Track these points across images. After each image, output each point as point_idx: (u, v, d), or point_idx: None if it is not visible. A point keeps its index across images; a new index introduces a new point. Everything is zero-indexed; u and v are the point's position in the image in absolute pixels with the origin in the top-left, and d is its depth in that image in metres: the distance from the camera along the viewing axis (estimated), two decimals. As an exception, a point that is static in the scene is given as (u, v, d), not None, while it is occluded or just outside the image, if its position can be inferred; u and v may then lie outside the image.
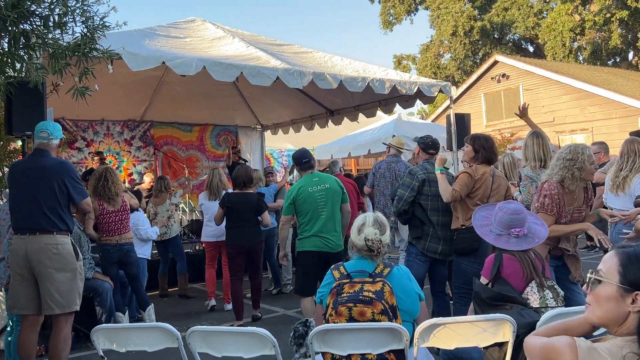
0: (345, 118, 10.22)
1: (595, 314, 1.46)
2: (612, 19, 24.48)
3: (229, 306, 6.39)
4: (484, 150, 4.36)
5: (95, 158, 9.24)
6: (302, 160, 5.08)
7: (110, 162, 10.34)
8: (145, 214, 7.04)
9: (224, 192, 6.51)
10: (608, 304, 1.42)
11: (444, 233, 4.53)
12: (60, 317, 3.91)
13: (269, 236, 6.94)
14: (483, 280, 3.13)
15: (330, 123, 10.60)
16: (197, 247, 8.42)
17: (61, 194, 3.90)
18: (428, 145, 4.86)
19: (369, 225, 2.87)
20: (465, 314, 3.42)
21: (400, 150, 6.95)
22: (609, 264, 1.44)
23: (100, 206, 5.43)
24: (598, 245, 3.61)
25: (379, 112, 10.28)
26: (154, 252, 7.32)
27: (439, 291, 4.75)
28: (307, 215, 4.90)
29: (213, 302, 6.50)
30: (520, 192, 4.96)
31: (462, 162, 5.08)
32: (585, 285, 1.49)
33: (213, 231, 6.47)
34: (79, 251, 4.04)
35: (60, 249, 3.87)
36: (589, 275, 1.47)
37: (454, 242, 4.32)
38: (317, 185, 4.95)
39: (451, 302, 5.44)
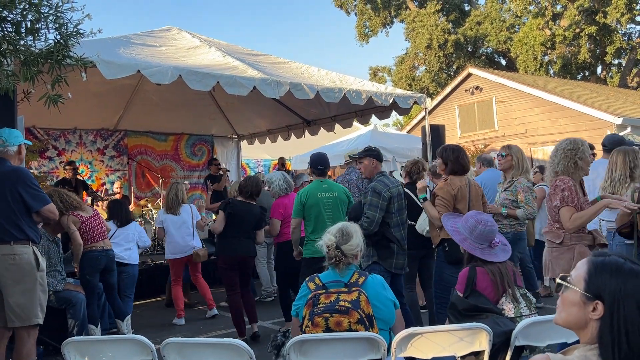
0: (321, 128, 10.26)
1: (560, 315, 1.53)
2: (581, 34, 25.17)
3: (215, 311, 6.41)
4: (451, 162, 4.40)
5: (68, 167, 9.04)
6: (317, 165, 5.17)
7: (82, 171, 10.15)
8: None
9: (181, 207, 6.42)
10: (571, 309, 1.48)
11: (406, 246, 4.63)
12: (22, 330, 3.77)
13: None
14: (458, 294, 3.15)
15: (306, 133, 10.62)
16: None
17: (16, 203, 3.75)
18: (380, 155, 4.84)
19: (331, 232, 2.92)
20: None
21: (353, 158, 7.04)
22: (579, 271, 1.50)
23: (77, 217, 5.32)
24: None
25: (355, 123, 10.35)
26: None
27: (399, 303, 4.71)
28: (313, 220, 4.96)
29: (182, 321, 6.31)
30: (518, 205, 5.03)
31: (438, 172, 5.11)
32: (556, 288, 1.55)
33: (178, 247, 6.36)
34: (40, 261, 3.86)
35: (18, 260, 3.72)
36: (557, 280, 1.53)
37: (448, 253, 4.24)
38: (326, 192, 5.02)
39: (423, 311, 5.49)
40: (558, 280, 1.53)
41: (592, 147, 4.91)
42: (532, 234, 6.08)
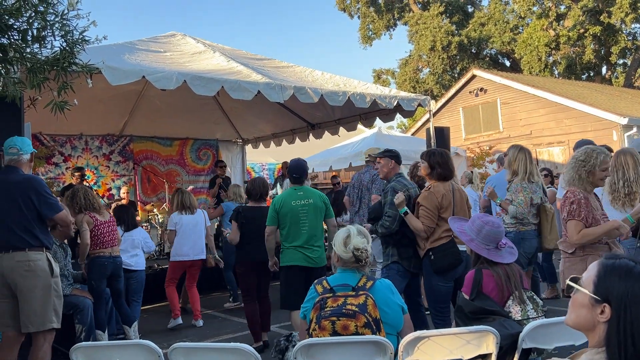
0: (326, 132, 10.27)
1: (570, 317, 1.54)
2: (586, 34, 25.12)
3: (201, 322, 6.36)
4: (439, 166, 4.33)
5: (76, 174, 9.08)
6: (293, 173, 5.11)
7: (88, 177, 10.19)
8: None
9: (195, 208, 6.47)
10: (580, 311, 1.49)
11: None
12: (39, 335, 3.83)
13: (228, 252, 6.96)
14: (464, 296, 3.15)
15: (311, 137, 10.63)
16: None
17: (29, 210, 3.82)
18: (399, 157, 4.81)
19: (355, 235, 2.88)
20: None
21: (371, 157, 6.99)
22: (589, 273, 1.49)
23: (92, 218, 5.36)
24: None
25: (360, 126, 10.37)
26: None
27: (415, 303, 4.63)
28: (287, 227, 4.90)
29: (179, 320, 6.27)
30: (512, 204, 4.99)
31: (420, 175, 5.01)
32: (565, 290, 1.55)
33: (189, 249, 6.34)
34: (54, 267, 3.93)
35: (33, 266, 3.79)
36: (567, 281, 1.53)
37: (433, 262, 4.22)
38: (301, 200, 4.94)
39: (427, 313, 5.49)
40: (568, 282, 1.53)
41: (609, 150, 4.83)
42: (551, 237, 5.73)
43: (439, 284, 4.20)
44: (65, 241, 5.49)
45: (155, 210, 10.37)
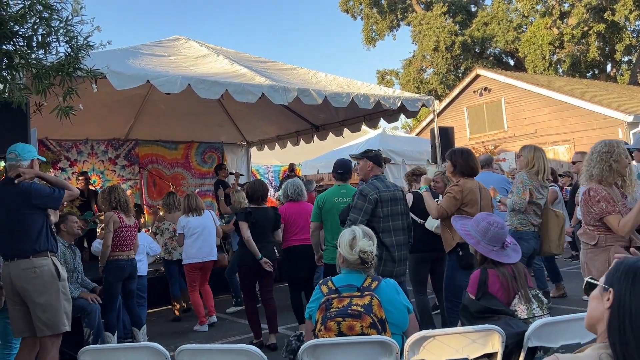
0: (330, 133, 10.28)
1: (586, 315, 1.53)
2: (590, 32, 25.04)
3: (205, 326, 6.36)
4: (460, 164, 4.45)
5: (80, 178, 9.14)
6: (337, 170, 5.23)
7: (94, 181, 10.24)
8: (152, 230, 7.07)
9: (203, 210, 6.52)
10: (592, 302, 1.50)
11: (400, 254, 4.36)
12: (46, 339, 3.86)
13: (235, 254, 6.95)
14: (469, 296, 3.15)
15: (315, 138, 10.65)
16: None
17: (29, 217, 3.84)
18: (379, 157, 4.67)
19: (361, 238, 2.87)
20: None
21: (352, 158, 6.98)
22: (607, 271, 1.51)
23: (120, 219, 5.40)
24: None
25: (364, 127, 10.37)
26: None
27: None
28: (329, 224, 5.00)
29: (206, 327, 6.28)
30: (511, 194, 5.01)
31: (447, 175, 5.07)
32: (584, 290, 1.56)
33: (200, 251, 6.35)
34: (61, 271, 3.95)
35: (39, 272, 3.81)
36: (587, 279, 1.54)
37: (461, 257, 4.24)
38: (343, 198, 5.04)
39: (435, 312, 5.49)
40: (588, 280, 1.53)
41: None
42: (560, 243, 5.19)
43: (463, 280, 4.18)
44: (73, 242, 5.53)
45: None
